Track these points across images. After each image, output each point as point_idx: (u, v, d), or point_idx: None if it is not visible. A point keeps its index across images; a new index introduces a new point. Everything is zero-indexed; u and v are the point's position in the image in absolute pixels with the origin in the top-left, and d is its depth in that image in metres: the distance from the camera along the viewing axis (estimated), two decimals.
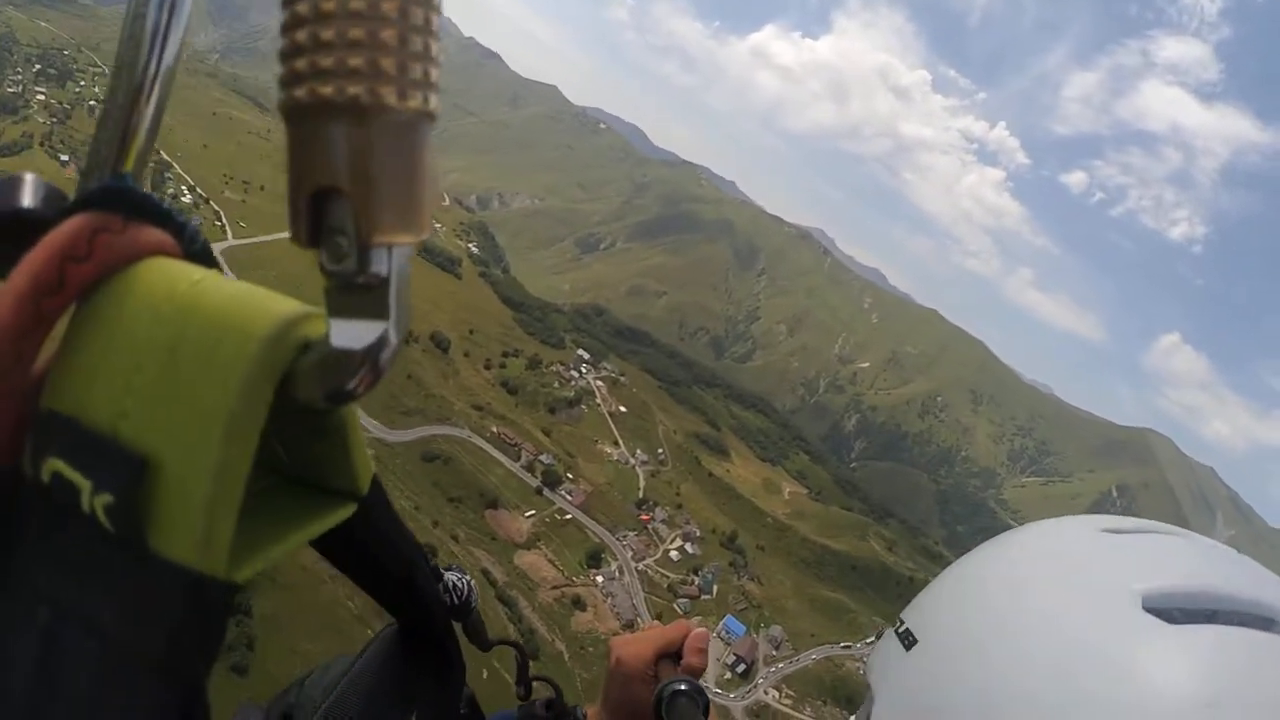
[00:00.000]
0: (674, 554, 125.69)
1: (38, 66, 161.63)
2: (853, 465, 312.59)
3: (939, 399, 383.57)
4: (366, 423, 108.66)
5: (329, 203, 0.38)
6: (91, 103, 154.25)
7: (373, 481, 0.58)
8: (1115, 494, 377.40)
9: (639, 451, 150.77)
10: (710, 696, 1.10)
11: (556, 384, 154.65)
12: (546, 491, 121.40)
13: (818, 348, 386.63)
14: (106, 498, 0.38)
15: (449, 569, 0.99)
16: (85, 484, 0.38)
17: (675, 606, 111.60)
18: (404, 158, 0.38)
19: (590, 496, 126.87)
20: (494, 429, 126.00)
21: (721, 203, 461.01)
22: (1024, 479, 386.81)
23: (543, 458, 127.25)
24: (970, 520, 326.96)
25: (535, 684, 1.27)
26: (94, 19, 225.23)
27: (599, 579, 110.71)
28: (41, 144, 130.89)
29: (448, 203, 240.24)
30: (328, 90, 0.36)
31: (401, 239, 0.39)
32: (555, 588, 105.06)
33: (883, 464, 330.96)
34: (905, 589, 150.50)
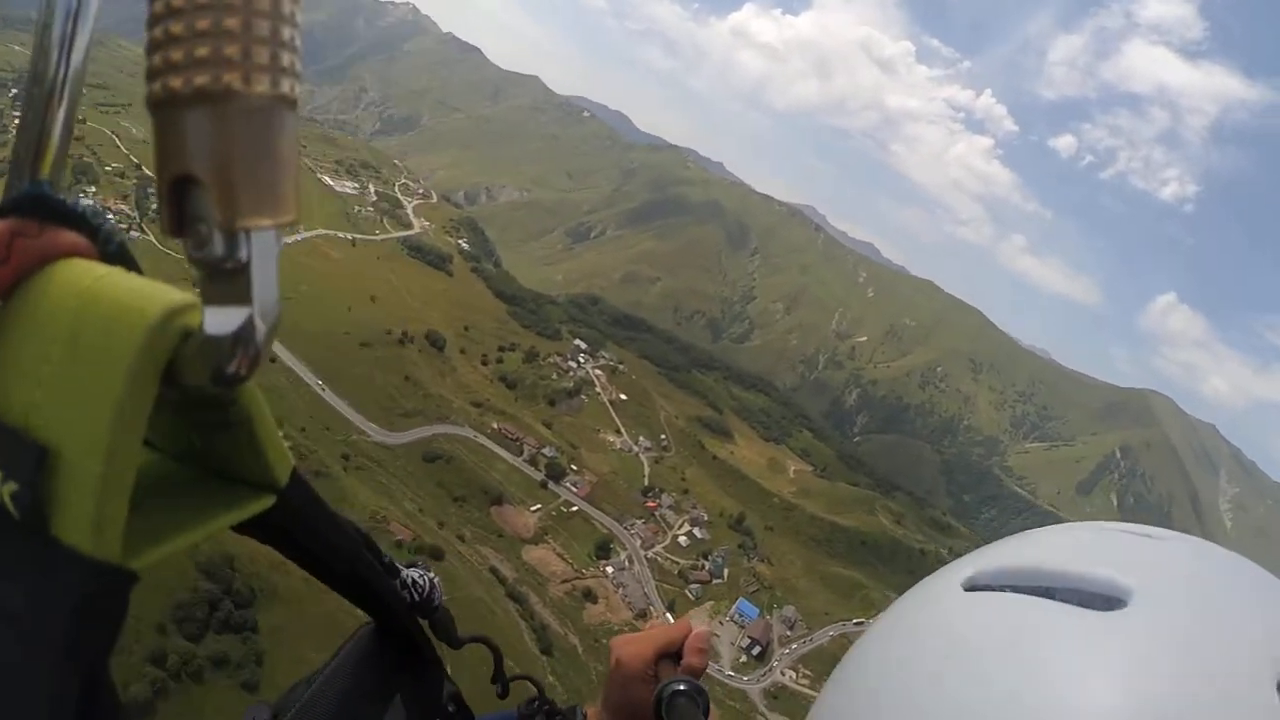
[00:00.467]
0: (683, 540, 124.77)
1: (14, 91, 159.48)
2: (856, 440, 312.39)
3: (939, 369, 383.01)
4: (366, 427, 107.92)
5: (190, 191, 0.38)
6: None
7: (295, 475, 0.59)
8: (1119, 455, 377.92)
9: (642, 438, 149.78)
10: (719, 687, 1.58)
11: (555, 375, 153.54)
12: (551, 484, 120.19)
13: (815, 324, 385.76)
14: (13, 486, 0.39)
15: (411, 565, 0.97)
16: None
17: (687, 593, 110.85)
18: (257, 143, 0.38)
19: (595, 487, 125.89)
20: (494, 425, 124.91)
21: (710, 184, 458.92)
22: (1027, 445, 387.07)
23: (545, 451, 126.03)
24: (976, 489, 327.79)
25: (516, 682, 1.26)
26: None
27: (609, 570, 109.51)
28: None
29: (435, 200, 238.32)
30: (177, 83, 0.37)
31: (260, 222, 0.39)
32: (565, 581, 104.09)
33: (886, 437, 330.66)
34: (916, 562, 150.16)
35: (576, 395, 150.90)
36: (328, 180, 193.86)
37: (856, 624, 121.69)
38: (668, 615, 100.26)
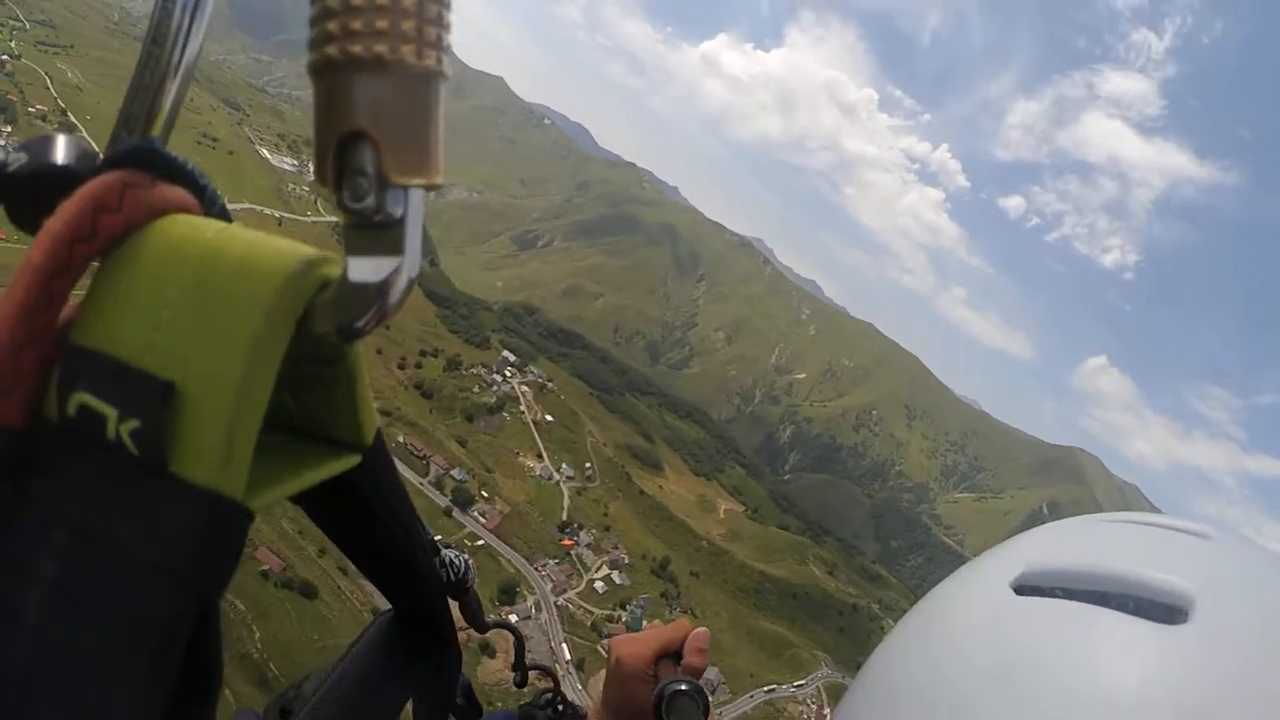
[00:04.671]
0: (600, 585, 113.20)
1: None
2: (787, 478, 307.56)
3: (874, 413, 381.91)
4: None
5: (352, 148, 0.42)
6: (4, 57, 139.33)
7: (377, 436, 0.62)
8: (1046, 511, 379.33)
9: (565, 466, 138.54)
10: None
11: (477, 388, 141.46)
12: (456, 513, 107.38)
13: (755, 357, 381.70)
14: (133, 423, 0.41)
15: (447, 547, 0.98)
16: (112, 413, 0.41)
17: (599, 649, 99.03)
18: (419, 109, 0.42)
19: (506, 519, 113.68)
20: (401, 438, 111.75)
21: (663, 206, 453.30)
22: (957, 494, 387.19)
23: (454, 473, 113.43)
24: (904, 535, 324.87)
25: (533, 673, 1.26)
26: None
27: (512, 618, 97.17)
28: None
29: None
30: (357, 48, 0.40)
31: (416, 180, 0.43)
32: (459, 630, 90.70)
33: (817, 477, 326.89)
34: (848, 618, 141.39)
35: (498, 412, 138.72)
36: (265, 153, 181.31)
37: (768, 691, 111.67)
38: (572, 671, 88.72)
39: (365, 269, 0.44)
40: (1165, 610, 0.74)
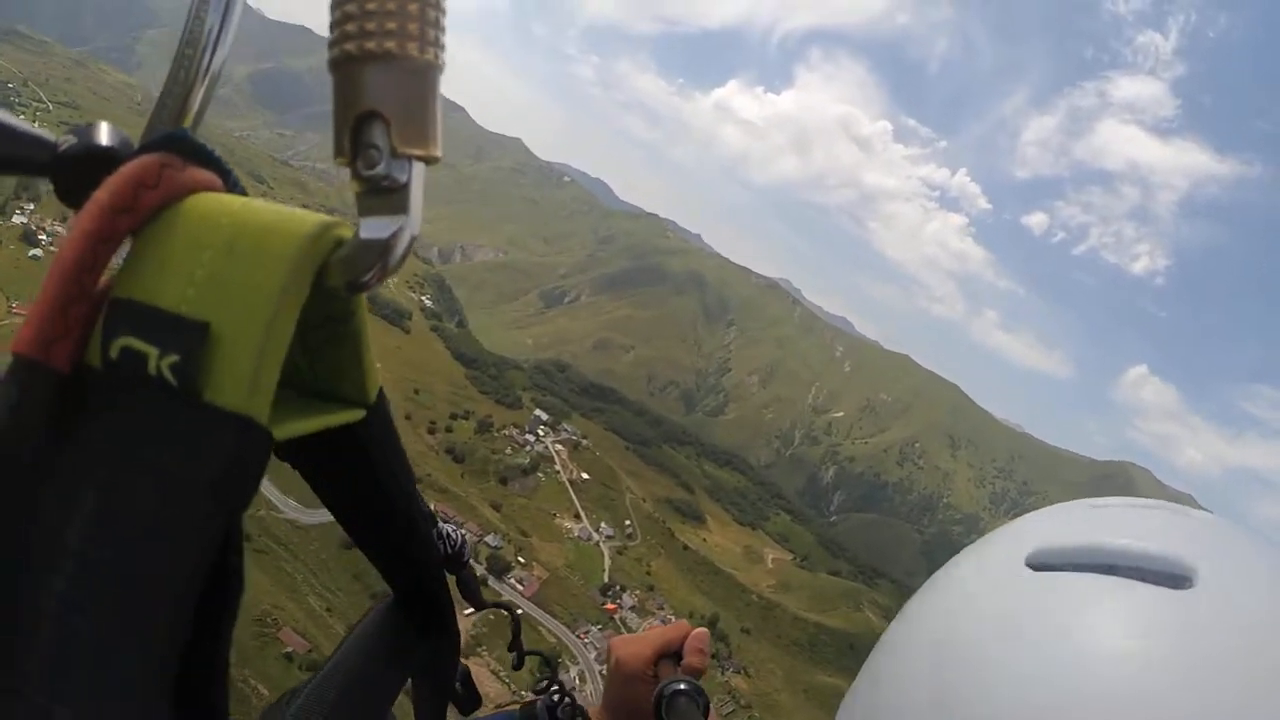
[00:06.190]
0: None
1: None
2: (833, 519, 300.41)
3: (917, 445, 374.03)
4: (279, 500, 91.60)
5: (365, 126, 0.49)
6: None
7: (379, 394, 0.67)
8: None
9: (604, 525, 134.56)
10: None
11: (509, 450, 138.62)
12: (492, 581, 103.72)
13: (791, 398, 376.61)
14: (173, 358, 0.46)
15: (444, 520, 0.98)
16: (153, 351, 0.46)
17: None
18: (421, 93, 0.50)
19: (545, 584, 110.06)
20: (432, 506, 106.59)
21: (688, 254, 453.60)
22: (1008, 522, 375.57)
23: (488, 539, 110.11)
24: None
25: (529, 656, 1.28)
26: (48, 55, 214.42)
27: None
28: None
29: None
30: (371, 44, 0.48)
31: (419, 152, 0.50)
32: (500, 707, 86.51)
33: (864, 516, 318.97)
34: None
35: (532, 473, 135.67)
36: None
37: None
38: None
39: (375, 227, 0.50)
40: (1171, 579, 0.80)
